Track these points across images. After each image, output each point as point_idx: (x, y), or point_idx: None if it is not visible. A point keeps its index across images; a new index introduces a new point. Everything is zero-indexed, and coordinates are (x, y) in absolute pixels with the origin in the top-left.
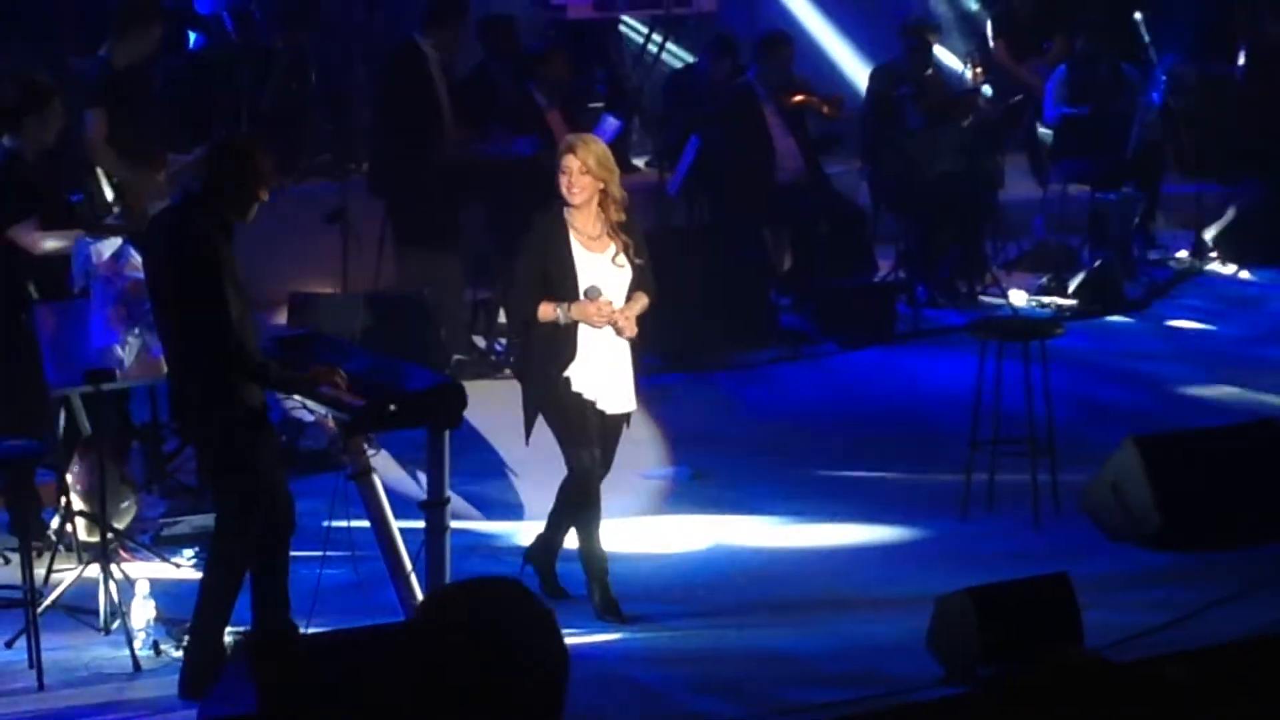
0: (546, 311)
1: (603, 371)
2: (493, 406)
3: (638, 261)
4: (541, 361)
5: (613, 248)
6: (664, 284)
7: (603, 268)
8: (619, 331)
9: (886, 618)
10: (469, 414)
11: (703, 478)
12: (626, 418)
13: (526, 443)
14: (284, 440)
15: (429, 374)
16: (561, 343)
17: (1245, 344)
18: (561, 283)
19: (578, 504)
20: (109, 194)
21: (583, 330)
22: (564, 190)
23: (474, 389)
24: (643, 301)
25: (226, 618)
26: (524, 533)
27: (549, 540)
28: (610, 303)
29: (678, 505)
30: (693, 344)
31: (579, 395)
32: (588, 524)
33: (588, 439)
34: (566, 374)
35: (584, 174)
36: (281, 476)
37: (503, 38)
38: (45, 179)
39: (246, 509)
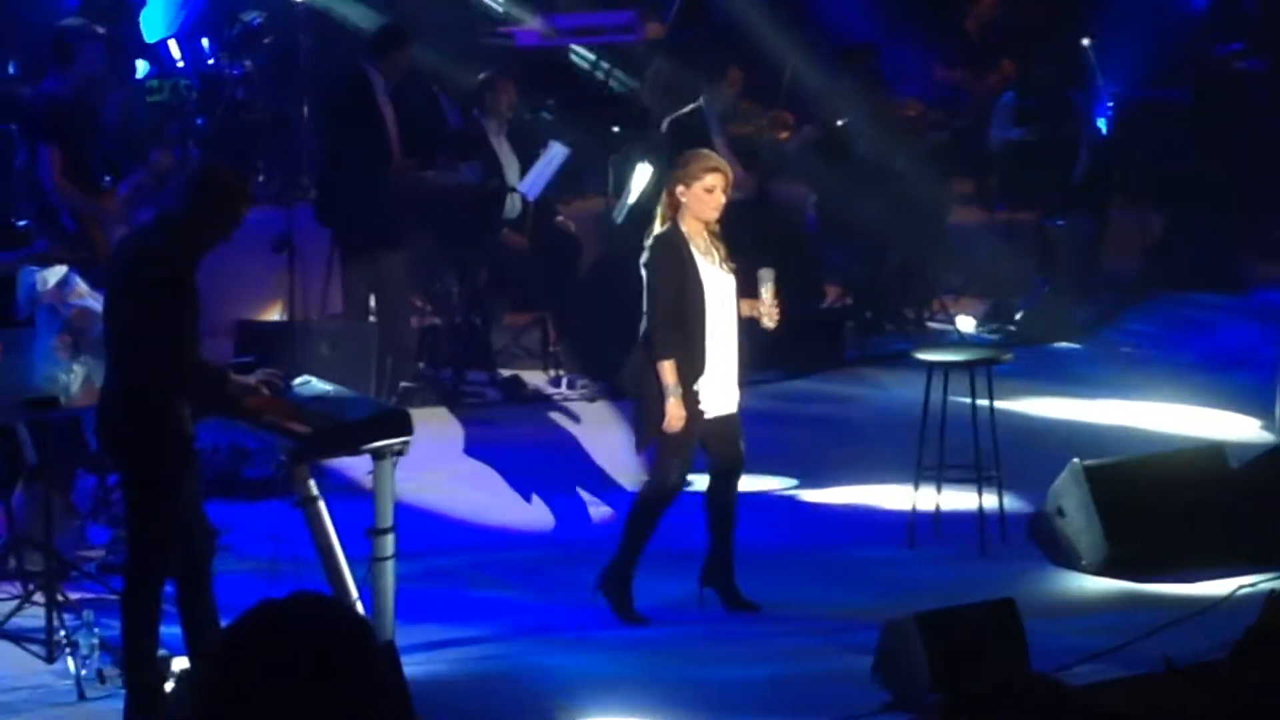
0: (668, 373)
1: (722, 379)
2: (439, 433)
3: (733, 265)
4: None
5: (716, 255)
6: (611, 311)
7: (718, 276)
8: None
9: (833, 643)
10: (416, 441)
11: None
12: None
13: (639, 451)
14: (229, 468)
15: (375, 401)
16: (694, 359)
17: (1193, 369)
18: (693, 296)
19: (657, 516)
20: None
21: (709, 341)
22: (711, 208)
23: (421, 416)
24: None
25: (155, 641)
26: (472, 560)
27: (625, 564)
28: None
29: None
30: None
31: (700, 410)
32: (642, 538)
33: (689, 454)
34: (696, 386)
35: (725, 192)
36: (198, 507)
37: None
38: None
39: (163, 533)
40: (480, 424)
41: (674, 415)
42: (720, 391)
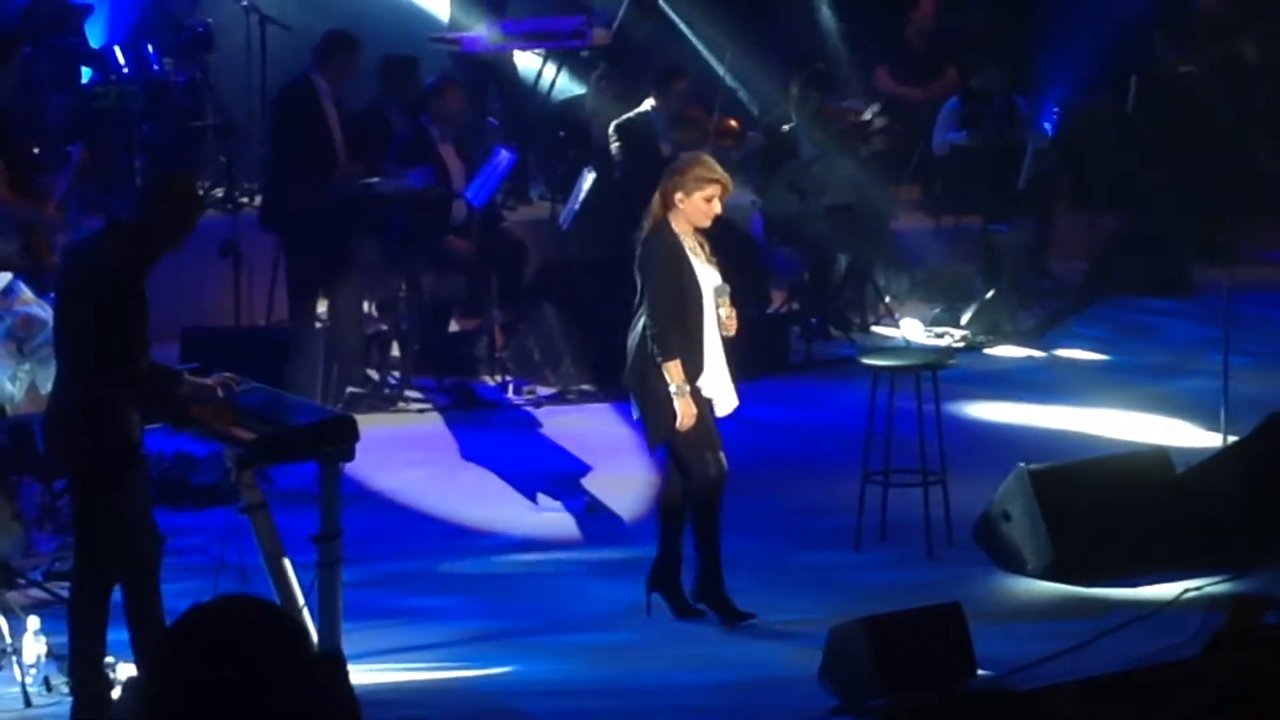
0: (675, 373)
1: (720, 375)
2: (386, 439)
3: (714, 258)
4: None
5: (703, 252)
6: (558, 316)
7: (707, 270)
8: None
9: (779, 648)
10: (362, 447)
11: (595, 510)
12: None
13: (651, 450)
14: (176, 475)
15: (320, 408)
16: (695, 356)
17: (1137, 374)
18: (690, 292)
19: (705, 513)
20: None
21: (706, 341)
22: (707, 217)
23: (367, 422)
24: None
25: (102, 647)
26: (420, 565)
27: (670, 561)
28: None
29: (569, 538)
30: (586, 376)
31: (708, 400)
32: (713, 534)
33: (714, 445)
34: (698, 384)
35: (723, 201)
36: (147, 512)
37: (404, 77)
38: None
39: (110, 539)
40: (427, 429)
41: (686, 414)
42: (720, 389)
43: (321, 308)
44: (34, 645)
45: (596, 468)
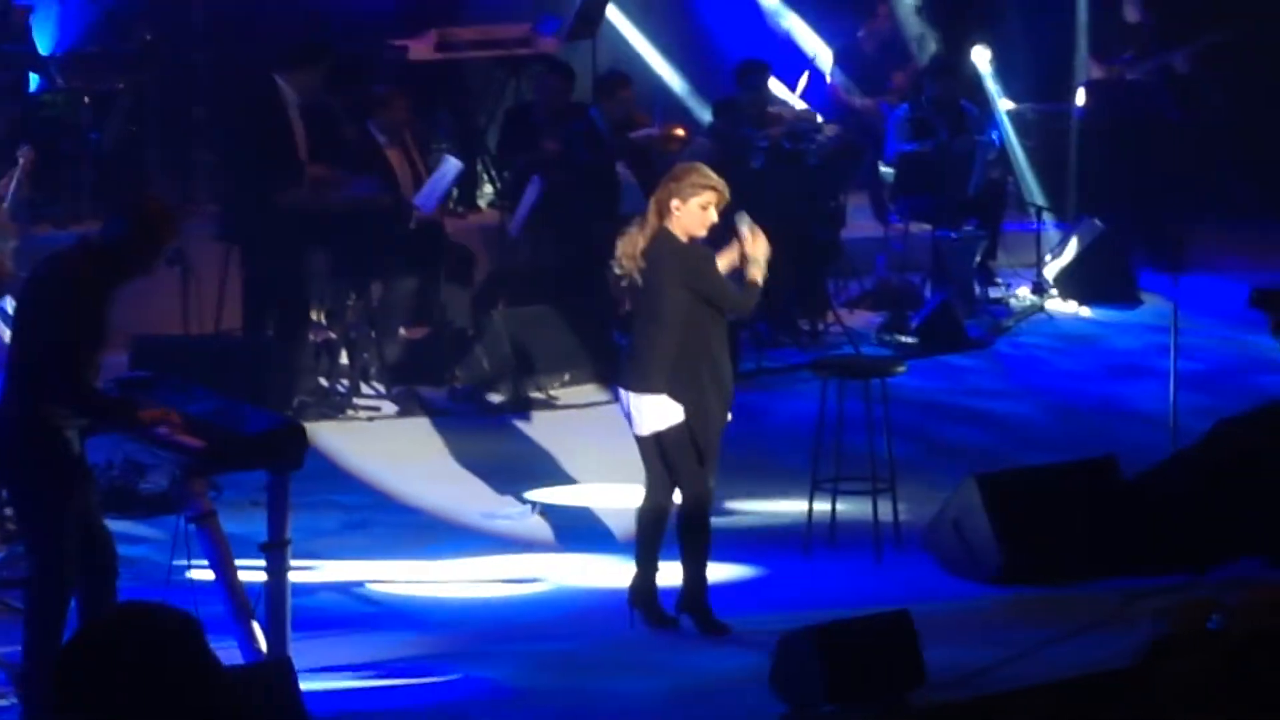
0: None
1: (726, 381)
2: (335, 447)
3: None
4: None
5: None
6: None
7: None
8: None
9: (728, 655)
10: (312, 455)
11: (544, 516)
12: None
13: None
14: (124, 483)
15: (270, 416)
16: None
17: (1085, 381)
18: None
19: (699, 529)
20: None
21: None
22: (703, 225)
23: (317, 430)
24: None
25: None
26: (368, 574)
27: (648, 576)
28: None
29: (516, 543)
30: (536, 384)
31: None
32: (704, 551)
33: (714, 461)
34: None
35: (718, 210)
36: (98, 520)
37: (351, 81)
38: None
39: (59, 552)
40: (377, 437)
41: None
42: (726, 394)
43: (272, 315)
44: None
45: (541, 473)
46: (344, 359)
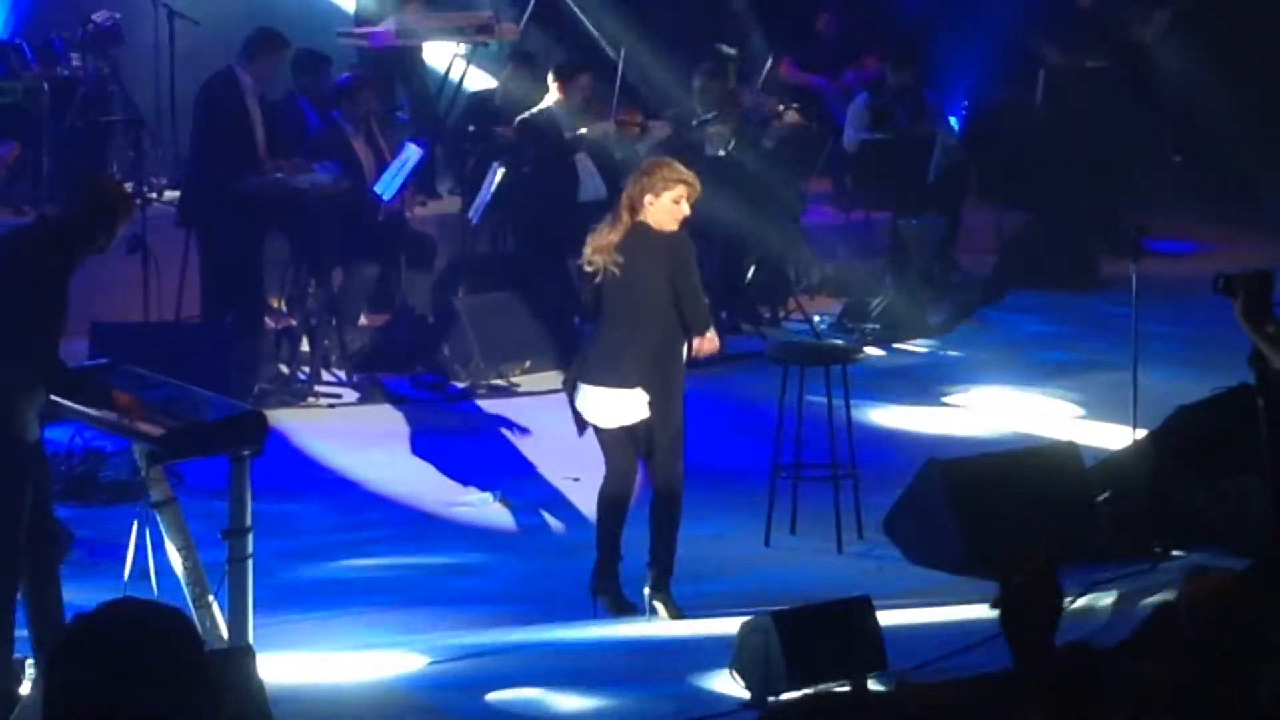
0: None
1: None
2: (296, 435)
3: None
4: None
5: None
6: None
7: None
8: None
9: (690, 641)
10: (272, 442)
11: (507, 504)
12: None
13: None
14: (85, 471)
15: (230, 403)
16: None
17: (1046, 367)
18: None
19: (674, 512)
20: None
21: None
22: (675, 219)
23: (277, 418)
24: None
25: (9, 647)
26: (331, 565)
27: (610, 562)
28: None
29: (482, 530)
30: (496, 371)
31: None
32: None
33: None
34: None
35: (690, 203)
36: (48, 508)
37: (315, 72)
38: None
39: (11, 540)
40: (337, 425)
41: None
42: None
43: (232, 302)
44: None
45: (503, 460)
46: (305, 346)
